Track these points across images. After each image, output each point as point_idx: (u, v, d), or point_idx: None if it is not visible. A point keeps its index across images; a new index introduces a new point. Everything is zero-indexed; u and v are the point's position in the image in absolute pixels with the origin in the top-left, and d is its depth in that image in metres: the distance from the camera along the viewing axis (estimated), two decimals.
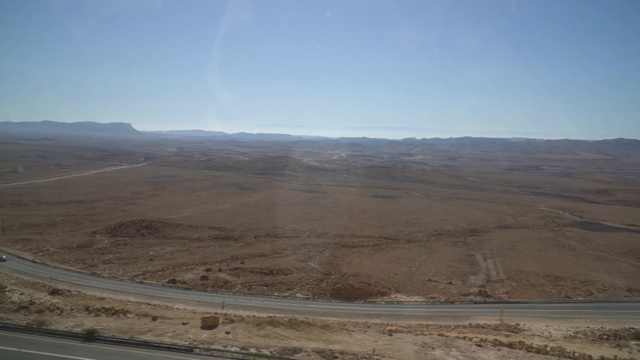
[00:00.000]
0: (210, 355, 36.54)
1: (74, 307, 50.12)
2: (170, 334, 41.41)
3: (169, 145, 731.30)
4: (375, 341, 42.41)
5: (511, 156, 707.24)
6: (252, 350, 38.01)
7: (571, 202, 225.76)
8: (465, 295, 69.98)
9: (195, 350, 37.40)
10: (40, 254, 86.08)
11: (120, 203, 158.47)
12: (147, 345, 37.94)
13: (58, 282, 66.26)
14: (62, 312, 48.08)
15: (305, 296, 68.17)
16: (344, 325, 49.50)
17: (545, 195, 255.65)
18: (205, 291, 69.16)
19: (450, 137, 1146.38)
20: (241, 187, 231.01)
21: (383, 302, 66.25)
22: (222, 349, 37.97)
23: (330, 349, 39.15)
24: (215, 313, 52.93)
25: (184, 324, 45.35)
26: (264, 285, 71.72)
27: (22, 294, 55.03)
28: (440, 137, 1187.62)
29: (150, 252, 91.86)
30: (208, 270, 79.17)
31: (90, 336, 38.69)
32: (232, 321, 46.58)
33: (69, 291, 61.29)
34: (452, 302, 66.72)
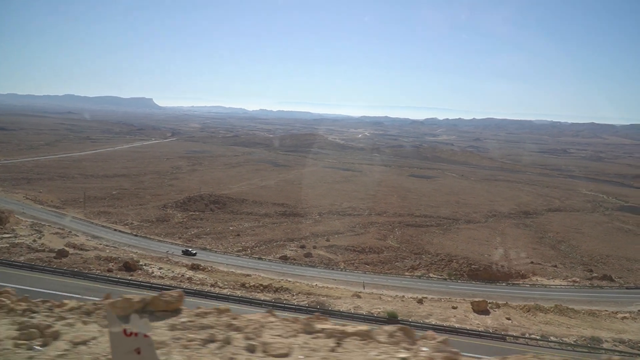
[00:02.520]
0: (526, 344, 34.37)
1: (231, 283, 49.50)
2: (453, 319, 39.46)
3: (192, 121, 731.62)
4: None
5: (537, 139, 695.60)
6: (552, 339, 36.00)
7: (611, 186, 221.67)
8: (589, 280, 68.33)
9: (507, 338, 35.56)
10: (127, 227, 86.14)
11: (165, 177, 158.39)
12: (468, 333, 35.82)
13: (174, 255, 66.20)
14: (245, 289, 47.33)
15: (440, 276, 66.80)
16: (614, 313, 46.93)
17: (582, 179, 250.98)
18: (318, 268, 68.13)
19: (474, 118, 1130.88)
20: (275, 164, 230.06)
21: (528, 285, 64.18)
22: (535, 337, 35.74)
23: (623, 338, 36.77)
24: (373, 293, 51.44)
25: (453, 307, 43.59)
26: (366, 264, 70.94)
27: (160, 268, 54.54)
28: (462, 117, 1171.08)
29: (230, 228, 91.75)
30: (302, 247, 78.67)
31: (393, 320, 36.43)
32: (498, 306, 45.07)
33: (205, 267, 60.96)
34: (602, 287, 63.91)
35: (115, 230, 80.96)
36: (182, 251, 73.06)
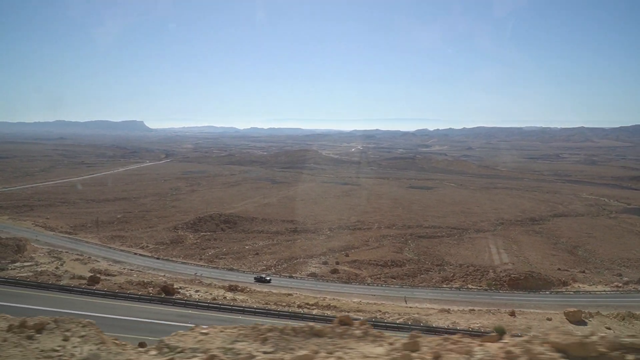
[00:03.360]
0: None
1: (284, 304, 48.79)
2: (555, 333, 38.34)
3: (184, 142, 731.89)
4: None
5: (529, 145, 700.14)
6: None
7: (610, 189, 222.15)
8: (630, 283, 67.65)
9: None
10: (143, 250, 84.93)
11: (166, 199, 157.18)
12: None
13: (203, 277, 65.23)
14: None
15: (479, 287, 65.69)
16: None
17: (580, 183, 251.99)
18: (352, 284, 67.26)
19: (464, 128, 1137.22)
20: (274, 181, 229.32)
21: (572, 292, 62.87)
22: None
23: None
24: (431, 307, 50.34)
25: (548, 319, 42.37)
26: (392, 278, 70.11)
27: (197, 291, 53.52)
28: (453, 127, 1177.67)
29: (247, 247, 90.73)
30: (324, 263, 77.79)
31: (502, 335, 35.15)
32: (591, 316, 43.89)
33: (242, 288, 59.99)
34: None
35: (135, 254, 79.81)
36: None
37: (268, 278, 68.10)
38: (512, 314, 45.70)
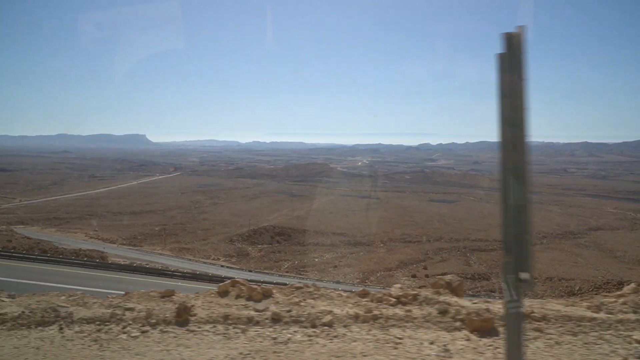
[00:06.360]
0: None
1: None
2: None
3: (189, 155, 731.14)
4: None
5: (534, 160, 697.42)
6: None
7: (631, 204, 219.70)
8: None
9: None
10: (219, 262, 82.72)
11: (192, 212, 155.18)
12: None
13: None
14: None
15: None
16: None
17: (598, 197, 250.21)
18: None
19: (467, 142, 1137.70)
20: (291, 195, 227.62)
21: None
22: None
23: None
24: None
25: None
26: (490, 291, 68.01)
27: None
28: (456, 142, 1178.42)
29: (315, 260, 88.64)
30: (413, 276, 75.66)
31: None
32: None
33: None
34: None
35: (222, 266, 77.33)
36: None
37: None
38: None
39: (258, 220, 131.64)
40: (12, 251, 54.85)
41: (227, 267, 74.40)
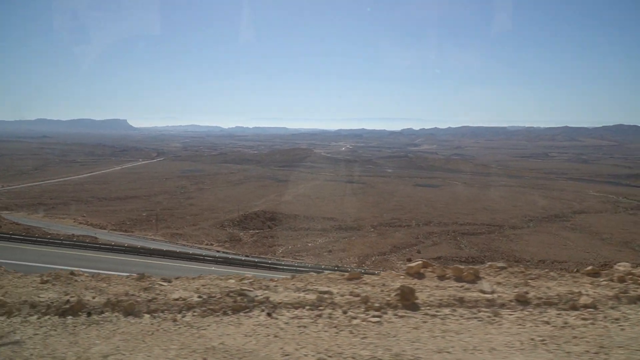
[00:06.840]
0: None
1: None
2: None
3: (171, 141, 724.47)
4: None
5: (516, 144, 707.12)
6: None
7: (612, 187, 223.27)
8: None
9: None
10: (213, 247, 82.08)
11: (178, 197, 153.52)
12: None
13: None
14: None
15: None
16: None
17: (580, 181, 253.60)
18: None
19: (449, 127, 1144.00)
20: (277, 180, 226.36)
21: None
22: None
23: None
24: None
25: None
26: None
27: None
28: (438, 127, 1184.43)
29: (309, 244, 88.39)
30: (409, 260, 75.62)
31: None
32: None
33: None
34: None
35: (217, 251, 76.62)
36: None
37: None
38: None
39: (245, 205, 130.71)
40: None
41: (223, 252, 74.11)
